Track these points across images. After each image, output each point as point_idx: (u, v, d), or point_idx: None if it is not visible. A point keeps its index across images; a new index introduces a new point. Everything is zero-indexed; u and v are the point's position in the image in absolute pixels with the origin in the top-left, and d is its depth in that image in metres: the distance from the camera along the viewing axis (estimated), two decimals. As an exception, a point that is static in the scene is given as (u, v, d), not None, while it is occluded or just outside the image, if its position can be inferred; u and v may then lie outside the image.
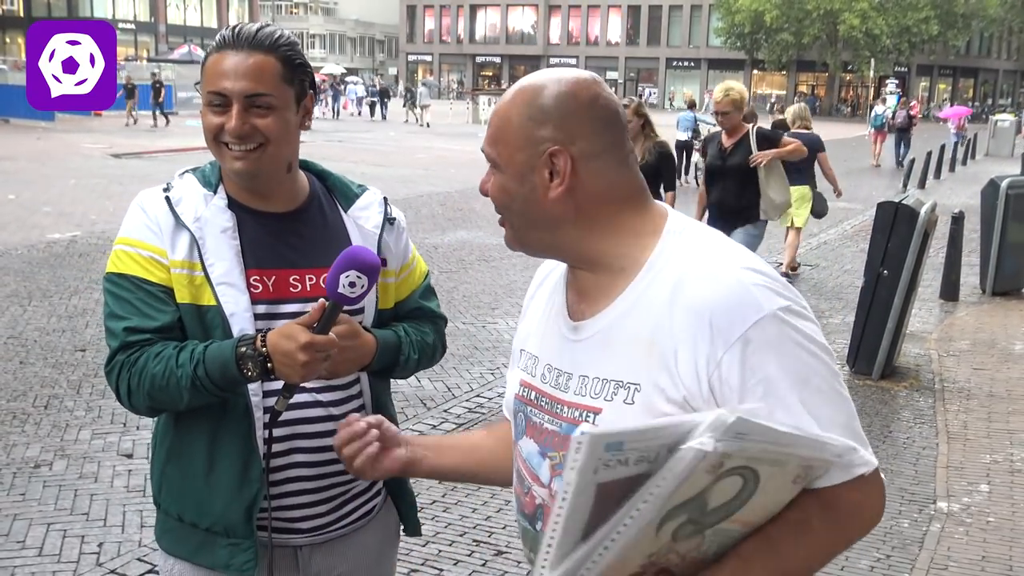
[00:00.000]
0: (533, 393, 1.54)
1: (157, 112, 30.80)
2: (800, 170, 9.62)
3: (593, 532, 1.22)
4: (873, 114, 28.65)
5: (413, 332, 2.06)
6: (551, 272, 1.63)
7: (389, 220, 2.05)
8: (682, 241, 1.44)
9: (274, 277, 1.89)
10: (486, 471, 1.76)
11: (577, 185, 1.42)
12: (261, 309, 1.86)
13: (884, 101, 32.99)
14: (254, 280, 1.88)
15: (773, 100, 54.83)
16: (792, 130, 10.06)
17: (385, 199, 2.09)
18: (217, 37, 1.87)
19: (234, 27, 1.87)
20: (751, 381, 1.32)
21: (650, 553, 1.27)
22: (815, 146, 9.69)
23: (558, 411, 1.48)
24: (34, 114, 26.56)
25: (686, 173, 18.99)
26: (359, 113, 44.51)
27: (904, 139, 25.35)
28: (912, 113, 26.65)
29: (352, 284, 1.68)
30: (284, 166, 1.93)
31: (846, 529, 1.40)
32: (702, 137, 18.18)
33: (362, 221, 2.01)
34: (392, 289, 2.06)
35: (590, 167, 1.43)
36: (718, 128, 7.87)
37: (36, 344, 7.08)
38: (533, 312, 1.64)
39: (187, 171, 1.98)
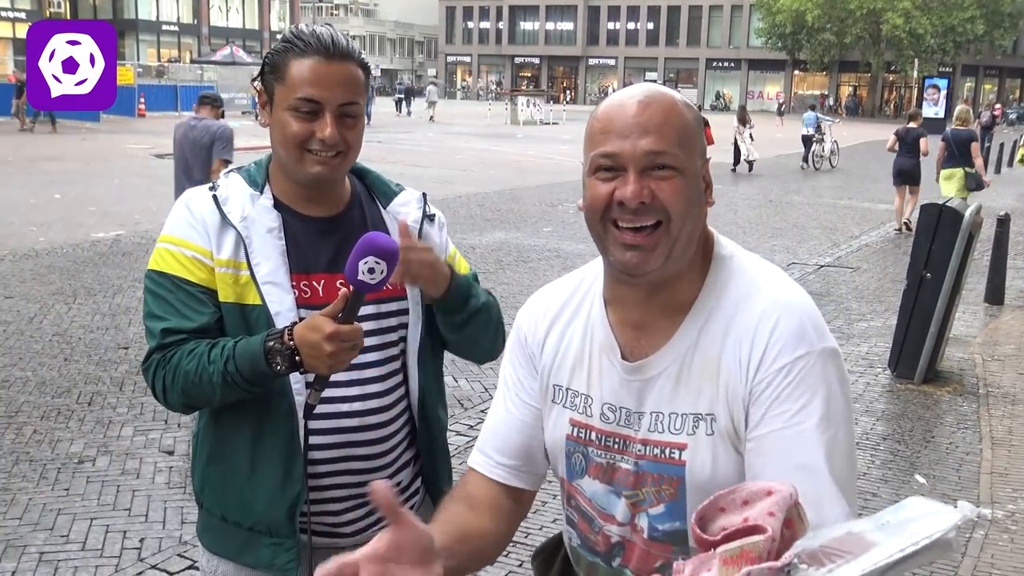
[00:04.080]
0: (592, 433, 1.48)
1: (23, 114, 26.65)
2: (955, 155, 12.80)
3: None
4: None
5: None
6: (561, 308, 1.55)
7: (428, 217, 2.06)
8: (733, 267, 1.44)
9: (323, 281, 1.89)
10: (478, 560, 1.52)
11: None
12: (310, 313, 1.83)
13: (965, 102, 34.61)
14: (303, 285, 1.87)
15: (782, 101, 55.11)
16: (952, 127, 13.21)
17: (424, 195, 2.10)
18: (296, 40, 1.82)
19: (314, 32, 1.82)
20: (785, 406, 1.33)
21: None
22: (971, 138, 12.96)
23: (631, 449, 1.44)
24: (80, 115, 26.89)
25: (806, 161, 24.14)
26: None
27: (988, 137, 27.28)
28: (995, 113, 29.16)
29: (371, 270, 1.67)
30: (348, 170, 1.95)
31: None
32: (823, 132, 24.96)
33: (402, 216, 2.01)
34: None
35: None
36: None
37: (80, 341, 7.19)
38: (563, 349, 1.53)
39: (232, 170, 1.99)
